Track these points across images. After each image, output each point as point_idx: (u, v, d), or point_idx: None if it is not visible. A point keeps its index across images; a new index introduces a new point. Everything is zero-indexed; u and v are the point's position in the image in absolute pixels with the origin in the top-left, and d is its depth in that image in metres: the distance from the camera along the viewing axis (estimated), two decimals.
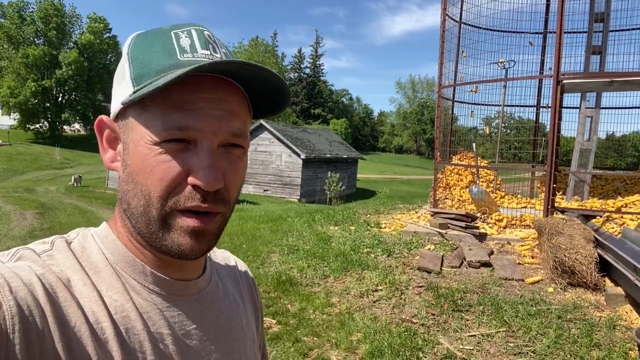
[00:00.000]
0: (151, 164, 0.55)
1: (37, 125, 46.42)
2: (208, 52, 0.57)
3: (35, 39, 44.80)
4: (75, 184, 24.36)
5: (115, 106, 0.59)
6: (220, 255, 0.81)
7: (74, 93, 46.67)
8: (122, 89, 0.58)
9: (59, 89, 45.59)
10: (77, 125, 49.89)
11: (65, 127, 48.34)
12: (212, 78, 0.56)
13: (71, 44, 46.37)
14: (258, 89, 0.59)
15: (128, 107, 0.58)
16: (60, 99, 46.41)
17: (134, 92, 0.55)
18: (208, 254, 0.70)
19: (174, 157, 0.55)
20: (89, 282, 0.56)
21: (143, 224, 0.57)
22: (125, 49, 0.60)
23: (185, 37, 0.57)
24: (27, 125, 45.33)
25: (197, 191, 0.55)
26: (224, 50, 0.60)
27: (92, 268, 0.58)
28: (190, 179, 0.55)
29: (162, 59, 0.56)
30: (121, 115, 0.59)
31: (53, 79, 43.36)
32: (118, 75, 0.60)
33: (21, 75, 42.33)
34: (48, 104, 45.40)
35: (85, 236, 0.61)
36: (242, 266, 0.83)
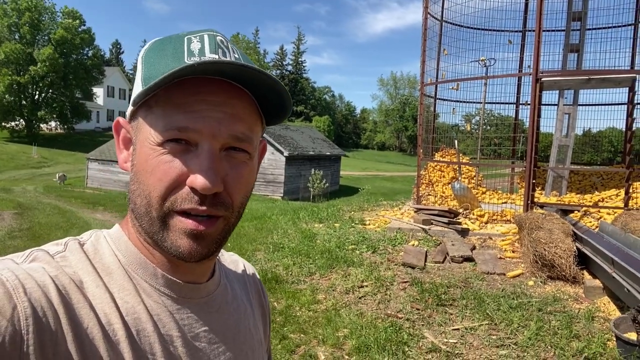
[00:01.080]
0: (153, 164, 0.56)
1: (13, 124, 45.21)
2: (216, 56, 0.56)
3: (11, 35, 43.43)
4: (60, 182, 24.83)
5: (129, 109, 0.61)
6: (229, 258, 0.81)
7: (50, 90, 45.45)
8: (135, 91, 0.59)
9: (34, 86, 44.39)
10: (53, 124, 48.72)
11: (42, 125, 47.13)
12: (215, 81, 0.56)
13: (45, 38, 45.00)
14: (264, 94, 0.59)
15: (138, 109, 0.59)
16: (36, 96, 45.20)
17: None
18: (217, 257, 0.70)
19: (174, 158, 0.55)
20: (101, 284, 0.56)
21: (146, 223, 0.58)
22: (141, 53, 0.61)
23: (197, 41, 0.58)
24: (3, 124, 44.13)
25: (194, 193, 0.55)
26: (236, 55, 0.59)
27: (104, 270, 0.58)
28: (188, 181, 0.55)
29: (169, 62, 0.56)
30: (133, 116, 0.60)
31: (27, 76, 42.14)
32: (136, 79, 0.62)
33: None
34: (24, 102, 44.18)
35: (98, 238, 0.62)
36: (250, 269, 0.84)
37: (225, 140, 0.56)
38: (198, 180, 0.54)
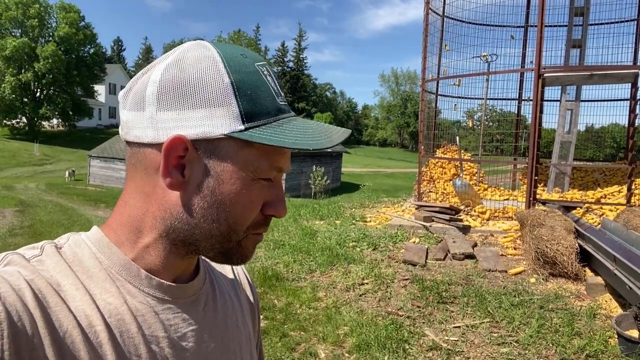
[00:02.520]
0: (246, 196, 0.58)
1: (14, 121, 45.22)
2: (283, 95, 0.61)
3: (14, 30, 43.36)
4: (69, 179, 25.83)
5: (203, 130, 0.55)
6: None
7: (52, 88, 45.40)
8: (223, 115, 0.55)
9: (36, 83, 44.35)
10: (55, 121, 48.75)
11: (44, 122, 47.12)
12: None
13: (49, 37, 44.88)
14: None
15: (226, 138, 0.56)
16: (38, 94, 45.16)
17: (247, 129, 0.55)
18: None
19: (261, 192, 0.60)
20: (80, 286, 0.55)
21: (217, 244, 0.60)
22: (220, 68, 0.56)
23: (267, 74, 0.60)
24: (4, 121, 44.14)
25: (268, 219, 0.62)
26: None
27: (84, 272, 0.57)
28: (272, 211, 0.61)
29: (268, 101, 0.58)
30: (209, 140, 0.56)
31: (30, 73, 42.08)
32: (206, 93, 0.55)
33: (0, 69, 41.05)
34: (26, 99, 44.16)
35: (76, 241, 0.61)
36: None
37: None
38: (281, 211, 0.61)
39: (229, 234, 0.59)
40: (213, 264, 0.76)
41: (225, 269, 0.79)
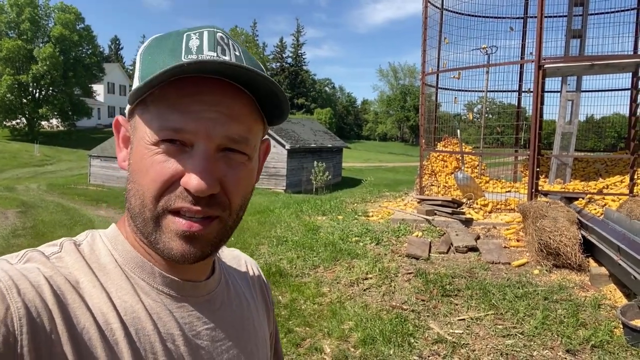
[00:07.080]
0: (147, 164, 0.55)
1: (14, 122, 45.18)
2: (214, 54, 0.55)
3: (9, 32, 43.26)
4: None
5: (128, 107, 0.60)
6: (229, 254, 0.80)
7: (50, 88, 45.29)
8: (132, 89, 0.58)
9: (35, 84, 44.28)
10: (54, 121, 48.72)
11: (43, 122, 47.08)
12: (213, 80, 0.54)
13: (46, 37, 44.72)
14: (265, 95, 0.57)
15: (135, 107, 0.58)
16: (37, 94, 45.09)
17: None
18: (217, 254, 0.69)
19: (169, 158, 0.54)
20: (97, 284, 0.55)
21: (140, 223, 0.57)
22: (139, 51, 0.60)
23: (196, 38, 0.56)
24: (4, 123, 44.07)
25: (188, 193, 0.54)
26: (236, 53, 0.57)
27: (101, 270, 0.58)
28: (182, 181, 0.54)
29: (166, 60, 0.55)
30: (131, 115, 0.59)
31: (29, 74, 42.06)
32: (134, 76, 0.61)
33: None
34: (24, 100, 44.12)
35: (94, 238, 0.62)
36: (253, 265, 0.83)
37: (221, 141, 0.55)
38: (192, 181, 0.53)
39: (142, 208, 0.55)
40: (230, 264, 0.77)
41: (241, 270, 0.78)
